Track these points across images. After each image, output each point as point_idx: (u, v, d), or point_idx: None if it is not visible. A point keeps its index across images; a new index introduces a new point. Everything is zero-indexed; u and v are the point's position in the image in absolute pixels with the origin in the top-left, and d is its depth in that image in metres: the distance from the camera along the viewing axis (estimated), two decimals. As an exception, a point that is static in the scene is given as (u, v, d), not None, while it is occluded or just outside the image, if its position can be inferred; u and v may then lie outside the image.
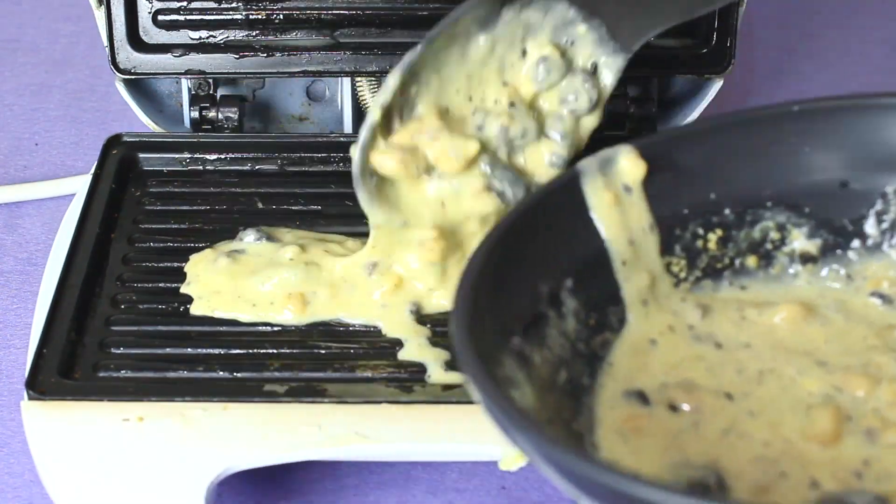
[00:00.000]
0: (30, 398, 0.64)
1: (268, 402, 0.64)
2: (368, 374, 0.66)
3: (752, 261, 0.66)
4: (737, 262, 0.66)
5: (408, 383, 0.65)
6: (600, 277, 0.63)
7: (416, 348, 0.67)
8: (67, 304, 0.69)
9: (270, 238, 0.73)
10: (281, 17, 0.81)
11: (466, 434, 0.63)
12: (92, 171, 0.78)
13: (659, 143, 0.66)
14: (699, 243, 0.65)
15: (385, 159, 0.67)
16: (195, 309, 0.69)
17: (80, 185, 0.78)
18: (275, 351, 0.67)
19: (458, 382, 0.65)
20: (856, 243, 0.66)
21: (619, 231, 0.63)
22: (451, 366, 0.66)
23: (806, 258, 0.66)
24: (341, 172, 0.77)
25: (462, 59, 0.69)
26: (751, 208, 0.65)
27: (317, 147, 0.80)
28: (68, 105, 0.96)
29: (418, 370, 0.66)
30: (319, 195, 0.78)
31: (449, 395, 0.65)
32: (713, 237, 0.65)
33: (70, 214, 0.76)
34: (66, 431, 0.63)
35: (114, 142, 0.80)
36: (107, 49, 0.81)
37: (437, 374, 0.66)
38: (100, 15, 0.80)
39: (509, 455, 0.63)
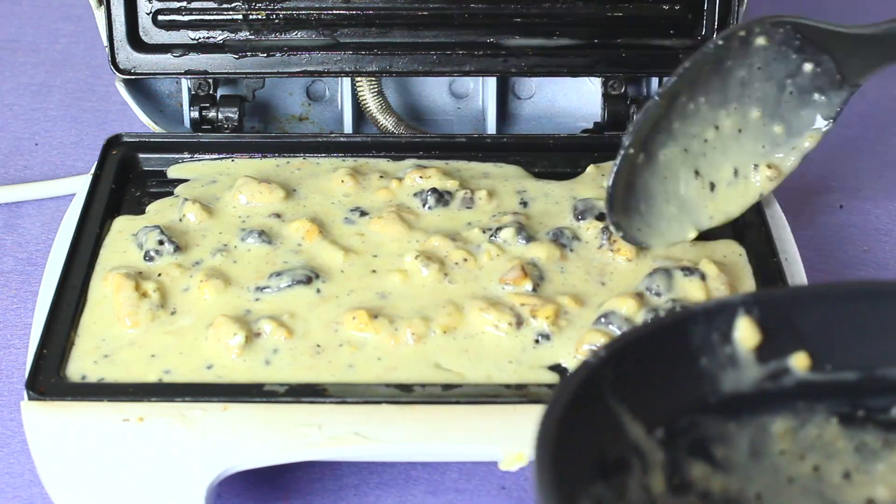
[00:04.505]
0: (30, 398, 0.64)
1: (268, 403, 0.64)
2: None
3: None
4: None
5: (407, 383, 0.65)
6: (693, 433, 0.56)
7: None
8: (67, 304, 0.69)
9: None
10: (281, 17, 0.81)
11: (466, 434, 0.63)
12: (92, 171, 0.78)
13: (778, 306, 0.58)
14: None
15: None
16: None
17: (80, 185, 0.78)
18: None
19: (460, 382, 0.65)
20: None
21: None
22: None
23: None
24: (341, 172, 0.78)
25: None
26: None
27: (317, 147, 0.80)
28: (68, 105, 0.96)
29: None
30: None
31: (449, 395, 0.65)
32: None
33: (70, 214, 0.76)
34: (66, 431, 0.63)
35: (114, 142, 0.80)
36: (107, 49, 0.81)
37: None
38: (100, 15, 0.80)
39: (509, 455, 0.63)
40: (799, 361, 0.57)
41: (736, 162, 0.73)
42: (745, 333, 0.56)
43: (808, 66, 0.72)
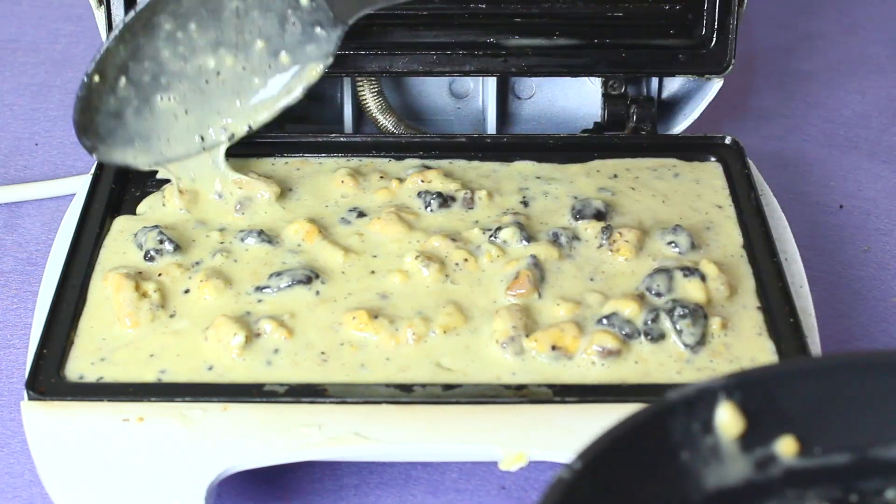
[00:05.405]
0: (30, 398, 0.64)
1: (268, 403, 0.64)
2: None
3: None
4: None
5: (407, 383, 0.65)
6: None
7: None
8: (67, 305, 0.69)
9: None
10: (281, 17, 0.81)
11: (466, 434, 0.63)
12: (92, 171, 0.78)
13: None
14: None
15: None
16: None
17: (80, 185, 0.78)
18: None
19: (460, 382, 0.65)
20: None
21: None
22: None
23: None
24: (341, 172, 0.78)
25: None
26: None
27: (317, 147, 0.80)
28: (68, 105, 0.96)
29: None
30: (319, 195, 0.78)
31: (449, 395, 0.65)
32: None
33: (70, 214, 0.76)
34: (66, 431, 0.63)
35: (114, 142, 0.80)
36: (107, 49, 0.81)
37: None
38: (100, 15, 0.80)
39: (509, 455, 0.63)
40: (786, 447, 0.53)
41: (230, 112, 0.76)
42: (728, 420, 0.53)
43: (304, 0, 0.74)
